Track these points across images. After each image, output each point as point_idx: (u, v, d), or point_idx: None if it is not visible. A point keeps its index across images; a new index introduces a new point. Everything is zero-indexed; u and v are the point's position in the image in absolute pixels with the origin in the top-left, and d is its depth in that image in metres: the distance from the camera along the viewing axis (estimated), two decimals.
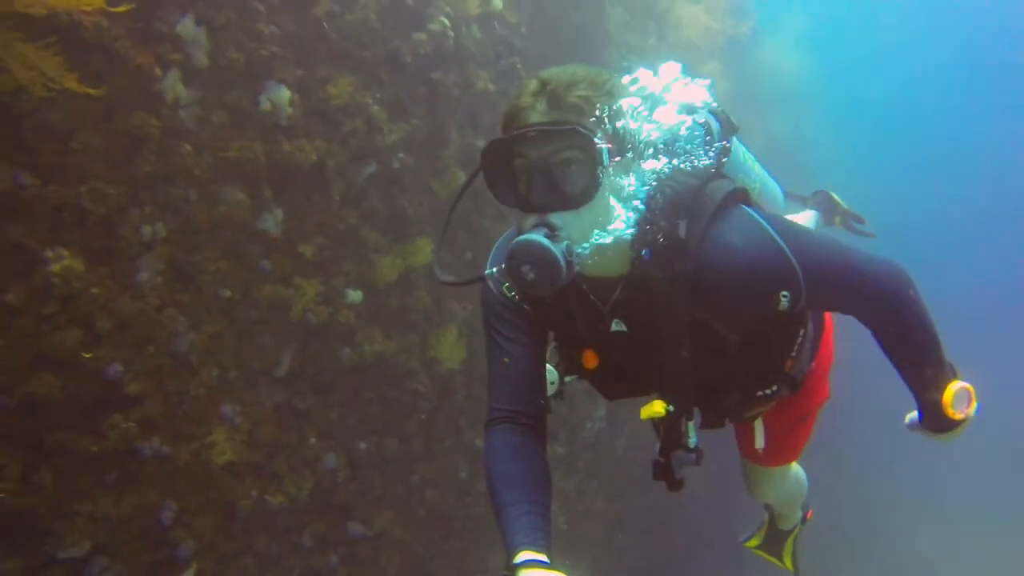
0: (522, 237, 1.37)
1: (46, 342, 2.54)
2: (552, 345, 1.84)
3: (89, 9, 2.15)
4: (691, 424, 1.75)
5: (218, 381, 3.21)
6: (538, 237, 1.35)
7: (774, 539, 3.14)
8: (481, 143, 4.06)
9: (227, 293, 3.16)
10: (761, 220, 1.56)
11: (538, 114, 1.40)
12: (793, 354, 1.92)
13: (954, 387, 1.68)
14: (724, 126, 1.80)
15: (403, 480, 4.16)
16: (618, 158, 1.44)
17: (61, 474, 2.63)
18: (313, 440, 3.61)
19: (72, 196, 2.55)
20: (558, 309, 1.66)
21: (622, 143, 1.45)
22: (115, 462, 2.82)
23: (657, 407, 1.70)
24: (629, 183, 1.49)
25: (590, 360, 1.74)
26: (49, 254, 2.50)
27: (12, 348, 2.44)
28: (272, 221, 3.30)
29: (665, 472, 1.79)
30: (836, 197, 2.91)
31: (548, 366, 1.83)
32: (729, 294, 1.53)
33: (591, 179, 1.40)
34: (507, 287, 1.63)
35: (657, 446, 1.81)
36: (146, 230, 2.83)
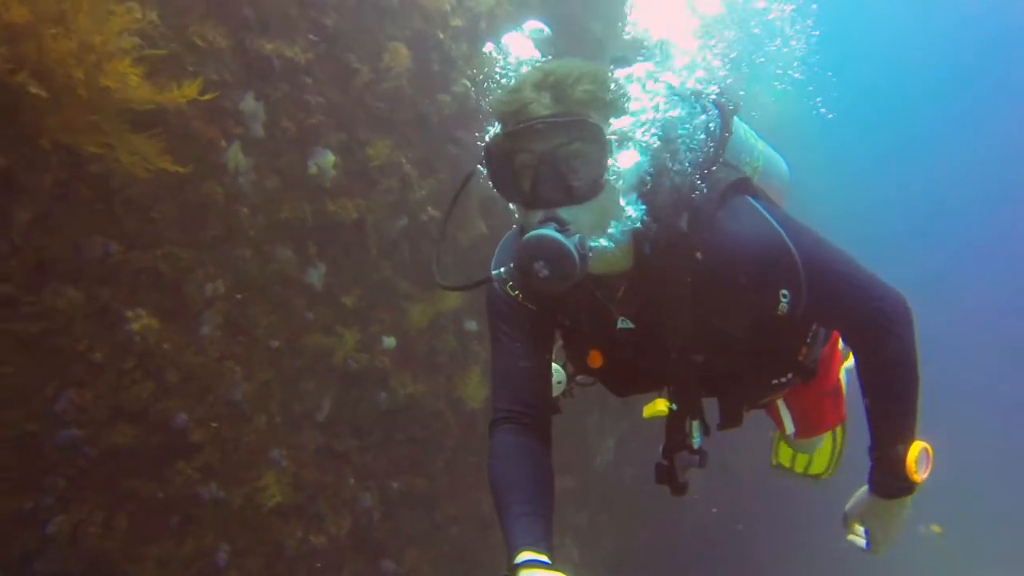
0: (533, 233, 1.33)
1: (124, 395, 2.74)
2: (559, 344, 1.80)
3: (183, 100, 2.42)
4: (695, 424, 1.72)
5: (267, 427, 3.41)
6: (549, 232, 1.31)
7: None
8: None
9: (276, 343, 3.38)
10: (765, 212, 1.50)
11: (543, 107, 1.36)
12: (808, 341, 1.85)
13: (920, 445, 1.56)
14: (724, 108, 1.74)
15: (430, 517, 4.34)
16: (623, 150, 1.41)
17: (133, 519, 2.81)
18: (352, 481, 3.80)
19: (150, 261, 2.78)
20: (563, 308, 1.63)
21: (625, 134, 1.42)
22: (178, 507, 3.00)
23: (660, 405, 1.70)
24: (633, 175, 1.45)
25: (595, 360, 1.70)
26: (129, 314, 2.72)
27: (97, 401, 2.64)
28: (316, 275, 3.54)
29: (668, 475, 1.74)
30: None
31: (556, 366, 1.80)
32: (731, 289, 1.48)
33: (599, 172, 1.37)
34: (510, 286, 1.60)
35: (660, 447, 1.76)
36: (208, 288, 3.06)
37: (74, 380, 2.59)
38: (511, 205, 1.52)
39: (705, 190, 1.48)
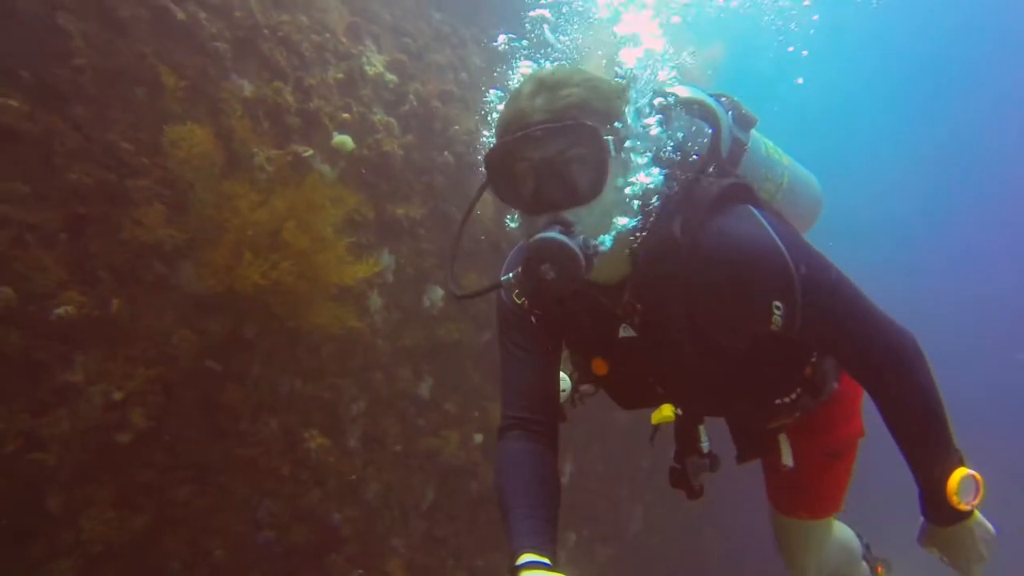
0: (538, 236, 1.33)
1: (300, 501, 3.40)
2: (566, 354, 1.80)
3: (370, 273, 3.19)
4: (703, 428, 1.72)
5: (389, 519, 4.05)
6: (554, 234, 1.32)
7: None
8: None
9: (398, 448, 4.06)
10: (762, 219, 1.44)
11: (539, 113, 1.36)
12: (813, 360, 1.78)
13: (960, 473, 1.47)
14: (738, 120, 1.71)
15: None
16: (621, 151, 1.41)
17: None
18: (451, 562, 4.41)
19: (318, 390, 3.49)
20: (566, 317, 1.61)
21: (622, 137, 1.42)
22: None
23: (666, 411, 1.71)
24: (631, 178, 1.44)
25: (599, 368, 1.69)
26: (306, 435, 3.40)
27: (283, 506, 3.30)
28: (426, 388, 4.25)
29: (682, 479, 1.75)
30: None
31: (563, 375, 1.83)
32: (725, 298, 1.43)
33: (599, 172, 1.37)
34: (517, 294, 1.63)
35: (673, 451, 1.78)
36: (353, 407, 3.76)
37: (269, 491, 3.25)
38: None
39: (697, 194, 1.46)
